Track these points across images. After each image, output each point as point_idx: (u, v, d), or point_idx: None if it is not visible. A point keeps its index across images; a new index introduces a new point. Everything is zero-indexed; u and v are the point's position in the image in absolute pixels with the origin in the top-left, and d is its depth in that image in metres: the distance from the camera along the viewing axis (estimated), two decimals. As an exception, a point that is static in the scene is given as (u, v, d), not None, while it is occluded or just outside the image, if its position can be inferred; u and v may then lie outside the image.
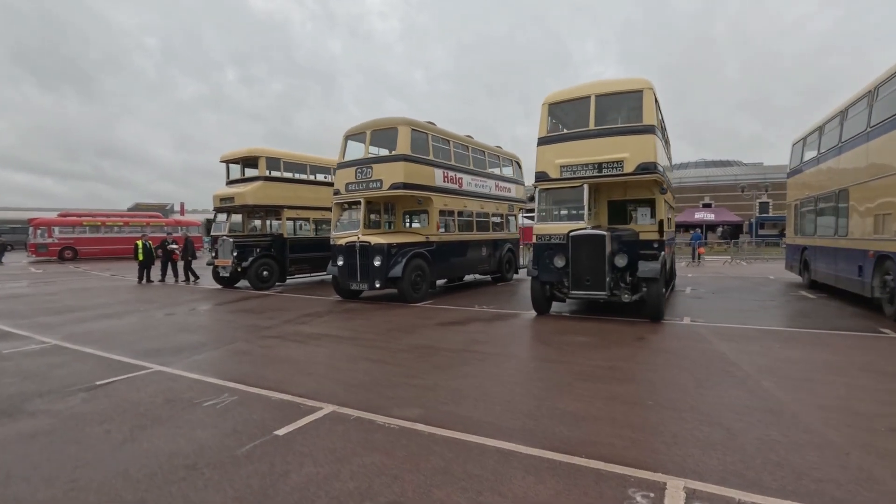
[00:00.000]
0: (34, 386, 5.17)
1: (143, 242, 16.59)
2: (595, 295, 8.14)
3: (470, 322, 8.54)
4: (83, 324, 8.81)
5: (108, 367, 5.87)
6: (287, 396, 4.70)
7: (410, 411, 4.23)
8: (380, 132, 11.28)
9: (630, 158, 8.14)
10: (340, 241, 11.08)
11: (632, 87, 8.37)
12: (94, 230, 32.61)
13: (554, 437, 3.63)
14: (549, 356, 6.10)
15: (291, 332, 7.91)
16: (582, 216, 8.48)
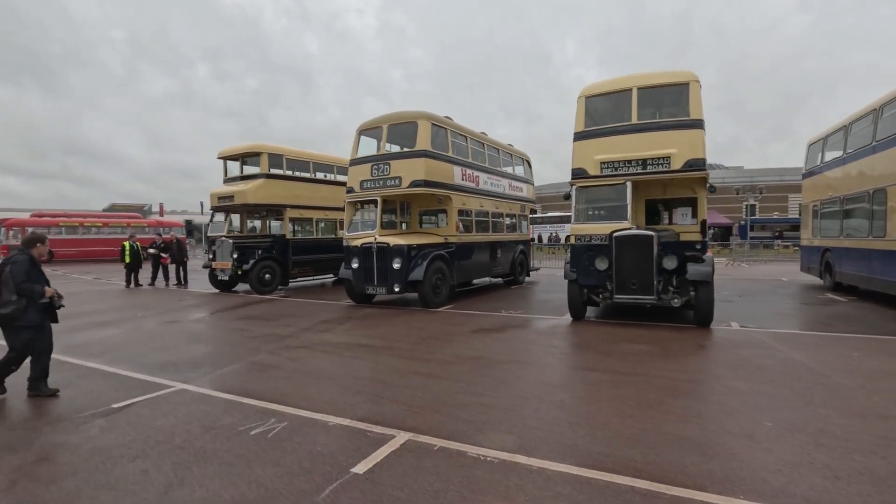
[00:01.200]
0: (39, 410, 4.40)
1: (131, 244, 15.59)
2: (642, 300, 7.64)
3: (506, 329, 7.96)
4: (78, 333, 7.95)
5: (122, 386, 5.11)
6: (346, 421, 4.04)
7: (502, 439, 3.63)
8: (397, 126, 10.63)
9: (678, 154, 7.69)
10: (355, 243, 10.39)
11: (677, 80, 7.92)
12: (71, 231, 31.11)
13: (699, 474, 3.07)
14: (616, 367, 5.55)
15: (316, 341, 7.22)
16: (624, 215, 7.99)
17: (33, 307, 4.59)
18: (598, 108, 8.59)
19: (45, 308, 4.73)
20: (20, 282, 4.47)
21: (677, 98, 8.04)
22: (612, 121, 8.45)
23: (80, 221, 32.00)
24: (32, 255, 4.72)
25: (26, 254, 4.69)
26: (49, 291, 4.65)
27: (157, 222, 36.37)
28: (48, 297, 4.65)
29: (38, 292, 4.57)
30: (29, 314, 4.57)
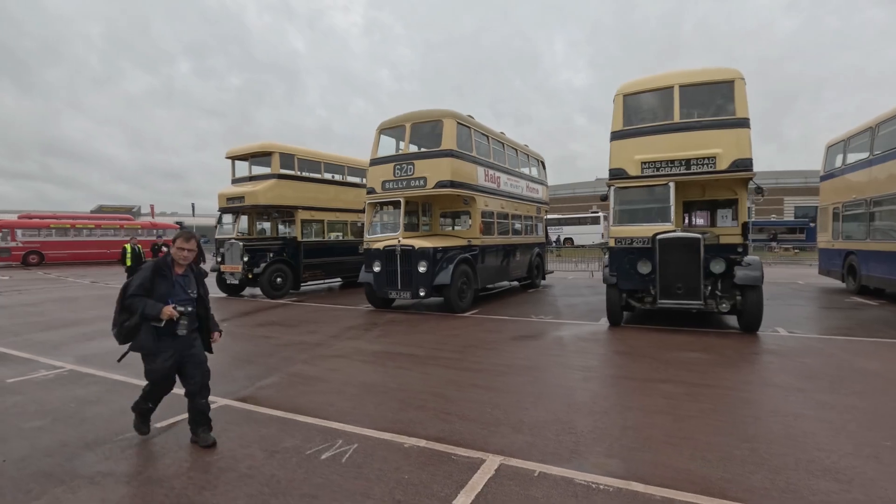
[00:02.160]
0: (73, 431, 3.97)
1: (133, 246, 14.99)
2: (688, 305, 7.36)
3: (545, 335, 7.63)
4: (90, 342, 7.47)
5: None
6: (422, 442, 3.67)
7: (604, 463, 3.29)
8: (421, 125, 10.28)
9: (723, 154, 7.42)
10: (377, 245, 10.00)
11: (722, 77, 7.67)
12: (61, 233, 30.18)
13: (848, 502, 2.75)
14: (684, 378, 5.24)
15: (351, 349, 6.82)
16: (667, 217, 7.71)
17: (147, 329, 3.44)
18: (636, 107, 8.32)
19: (165, 332, 3.47)
20: (129, 294, 3.41)
21: (721, 96, 7.79)
22: (652, 119, 8.18)
23: (71, 223, 31.12)
24: (164, 260, 3.57)
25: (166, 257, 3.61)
26: (167, 312, 3.35)
27: (152, 224, 35.55)
28: (165, 318, 3.36)
29: (147, 313, 3.35)
30: (141, 337, 3.47)
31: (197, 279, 3.67)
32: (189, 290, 3.56)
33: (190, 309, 3.51)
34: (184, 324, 3.48)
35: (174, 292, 3.49)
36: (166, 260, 3.55)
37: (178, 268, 3.58)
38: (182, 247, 3.53)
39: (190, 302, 3.54)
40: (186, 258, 3.55)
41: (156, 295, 3.42)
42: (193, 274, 3.66)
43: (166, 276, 3.48)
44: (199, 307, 3.64)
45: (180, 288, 3.53)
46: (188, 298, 3.54)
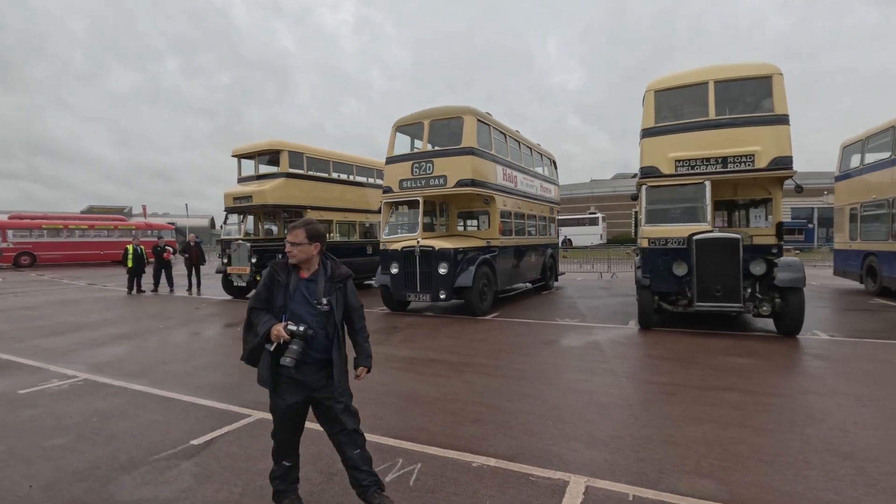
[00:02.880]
0: (102, 451, 3.61)
1: (134, 247, 14.56)
2: (727, 307, 7.11)
3: (575, 339, 7.34)
4: (100, 348, 7.07)
5: (186, 414, 4.34)
6: (491, 461, 3.36)
7: (699, 484, 3.00)
8: (440, 122, 9.96)
9: (762, 152, 7.19)
10: (394, 246, 9.66)
11: (759, 73, 7.43)
12: (53, 234, 29.45)
13: None
14: (741, 385, 4.97)
15: (380, 355, 6.45)
16: (703, 217, 7.46)
17: (265, 354, 2.53)
18: (668, 103, 8.06)
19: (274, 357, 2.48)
20: (249, 306, 2.60)
21: (758, 91, 7.56)
22: (685, 116, 7.93)
23: (64, 224, 30.42)
24: (281, 260, 2.65)
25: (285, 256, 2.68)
26: (273, 333, 2.41)
27: (146, 225, 34.88)
28: (273, 341, 2.43)
29: (259, 332, 2.49)
30: (260, 366, 2.58)
31: (333, 284, 2.57)
32: (315, 301, 2.52)
33: (301, 328, 2.39)
34: (294, 349, 2.38)
35: (292, 303, 2.52)
36: (285, 261, 2.63)
37: (302, 270, 2.59)
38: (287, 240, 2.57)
39: (313, 317, 2.49)
40: (295, 256, 2.55)
41: (274, 307, 2.54)
42: (328, 277, 2.59)
43: (280, 280, 2.56)
44: (328, 324, 2.52)
45: (301, 297, 2.53)
46: (312, 312, 2.50)
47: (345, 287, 2.63)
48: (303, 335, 2.40)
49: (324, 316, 2.53)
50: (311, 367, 2.55)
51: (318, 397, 2.61)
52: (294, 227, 2.57)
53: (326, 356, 2.57)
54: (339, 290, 2.59)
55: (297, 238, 2.53)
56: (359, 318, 2.70)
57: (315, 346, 2.51)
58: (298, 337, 2.40)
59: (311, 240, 2.55)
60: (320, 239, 2.60)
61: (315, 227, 2.60)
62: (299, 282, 2.58)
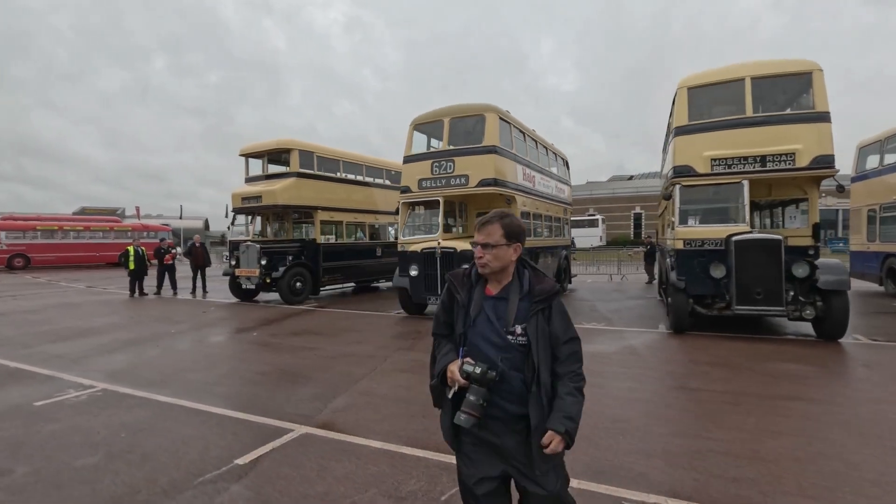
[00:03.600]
0: (138, 472, 3.28)
1: (136, 249, 14.13)
2: (769, 311, 6.87)
3: (610, 344, 7.07)
4: (114, 355, 6.71)
5: (222, 429, 4.01)
6: (582, 483, 3.06)
7: (814, 509, 2.72)
8: (461, 120, 9.68)
9: (803, 150, 6.97)
10: (414, 248, 9.36)
11: (799, 69, 7.21)
12: (47, 235, 28.83)
13: None
14: (810, 395, 4.72)
15: (412, 362, 6.18)
16: (741, 218, 7.23)
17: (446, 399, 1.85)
18: (702, 100, 7.83)
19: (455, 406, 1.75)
20: (433, 331, 2.03)
21: (797, 88, 7.36)
22: (720, 113, 7.71)
23: (58, 225, 29.81)
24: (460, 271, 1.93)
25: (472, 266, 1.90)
26: (449, 374, 1.76)
27: (143, 226, 34.30)
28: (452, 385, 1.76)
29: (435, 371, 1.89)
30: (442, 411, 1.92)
31: (532, 304, 1.74)
32: (505, 329, 1.73)
33: (479, 369, 1.65)
34: (472, 400, 1.66)
35: (473, 332, 1.78)
36: (466, 271, 1.89)
37: (490, 284, 1.82)
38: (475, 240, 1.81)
39: (500, 352, 1.72)
40: (488, 264, 1.76)
41: (456, 334, 1.85)
42: (524, 294, 1.76)
43: (459, 299, 1.84)
44: (524, 364, 1.71)
45: (486, 323, 1.77)
46: (499, 344, 1.73)
47: (549, 309, 1.73)
48: (481, 379, 1.65)
49: (517, 351, 1.72)
50: (502, 423, 1.74)
51: (513, 470, 1.77)
52: (485, 222, 1.79)
53: (523, 410, 1.71)
54: (540, 314, 1.71)
55: (492, 237, 1.75)
56: (569, 356, 1.72)
57: (505, 394, 1.72)
58: (476, 382, 1.65)
59: (510, 239, 1.75)
60: (521, 238, 1.80)
61: (514, 221, 1.80)
62: (484, 301, 1.79)
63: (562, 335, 1.75)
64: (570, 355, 1.75)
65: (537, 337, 1.71)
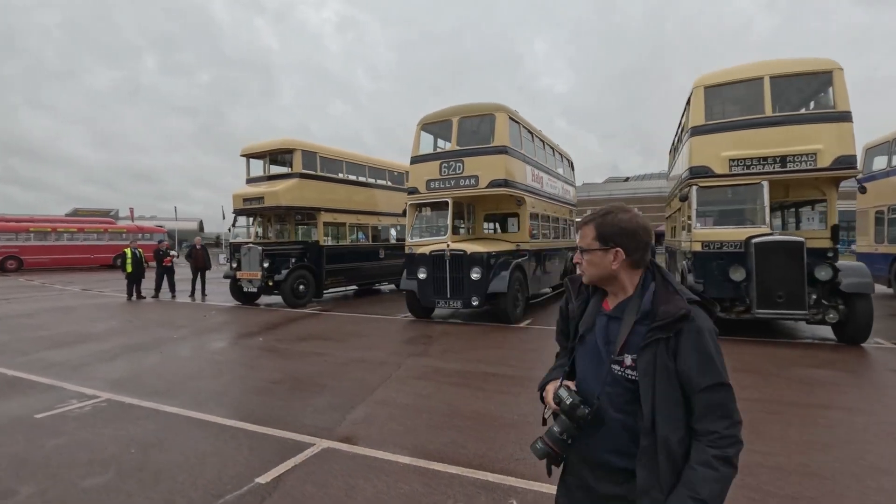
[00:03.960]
0: (153, 493, 3.05)
1: (133, 251, 13.82)
2: (791, 315, 6.72)
3: (631, 349, 6.89)
4: (114, 362, 6.46)
5: (237, 443, 3.78)
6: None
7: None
8: (470, 120, 9.49)
9: (825, 150, 6.82)
10: (422, 250, 9.15)
11: (819, 68, 7.08)
12: (41, 237, 28.36)
13: None
14: (849, 404, 4.55)
15: (427, 368, 5.97)
16: (761, 219, 7.08)
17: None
18: (718, 100, 7.69)
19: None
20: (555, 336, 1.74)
21: (817, 88, 7.24)
22: (738, 113, 7.57)
23: (52, 227, 29.34)
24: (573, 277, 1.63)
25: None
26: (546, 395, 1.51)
27: (138, 228, 33.86)
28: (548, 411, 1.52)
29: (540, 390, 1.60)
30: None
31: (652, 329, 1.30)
32: (612, 358, 1.37)
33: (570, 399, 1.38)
34: (554, 432, 1.41)
35: (580, 351, 1.50)
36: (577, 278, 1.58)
37: (609, 296, 1.47)
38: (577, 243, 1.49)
39: (600, 383, 1.39)
40: (585, 271, 1.47)
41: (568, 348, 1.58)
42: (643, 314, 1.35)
43: (571, 308, 1.58)
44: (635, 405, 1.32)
45: (593, 343, 1.45)
46: (600, 373, 1.40)
47: (676, 340, 1.27)
48: (568, 412, 1.37)
49: (624, 387, 1.35)
50: (602, 471, 1.42)
51: None
52: (583, 222, 1.47)
53: (627, 463, 1.34)
54: (661, 345, 1.27)
55: (584, 239, 1.44)
56: (709, 409, 1.25)
57: (603, 439, 1.39)
58: (563, 413, 1.39)
59: (606, 242, 1.39)
60: (624, 241, 1.37)
61: (615, 219, 1.39)
62: (598, 316, 1.47)
63: (697, 378, 1.24)
64: (712, 408, 1.24)
65: (653, 375, 1.27)
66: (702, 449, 1.23)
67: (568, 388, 1.43)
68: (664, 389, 1.27)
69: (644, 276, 1.41)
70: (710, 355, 1.27)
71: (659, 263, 1.43)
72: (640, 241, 1.38)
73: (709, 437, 1.23)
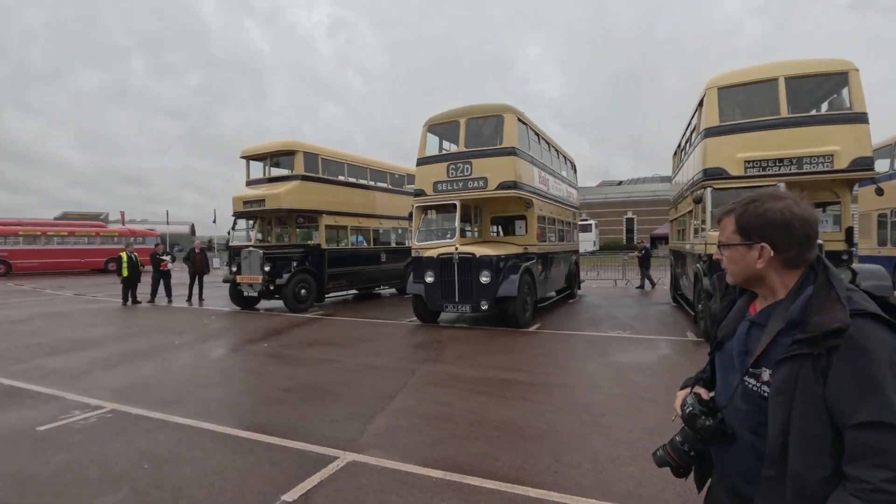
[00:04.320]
0: (173, 513, 2.84)
1: (129, 255, 13.50)
2: (810, 318, 6.61)
3: (651, 354, 6.77)
4: (115, 370, 6.22)
5: (257, 457, 3.58)
6: (674, 518, 2.71)
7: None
8: (478, 121, 9.35)
9: (842, 152, 6.76)
10: (430, 253, 8.98)
11: (834, 69, 7.02)
12: (30, 241, 27.84)
13: None
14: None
15: (443, 375, 5.80)
16: (777, 222, 6.98)
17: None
18: (732, 101, 7.61)
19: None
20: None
21: (830, 89, 7.18)
22: (752, 114, 7.48)
23: (42, 231, 28.80)
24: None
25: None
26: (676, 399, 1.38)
27: (130, 231, 33.37)
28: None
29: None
30: None
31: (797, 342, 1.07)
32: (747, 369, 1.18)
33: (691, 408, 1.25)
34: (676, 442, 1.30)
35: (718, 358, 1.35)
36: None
37: (758, 299, 1.28)
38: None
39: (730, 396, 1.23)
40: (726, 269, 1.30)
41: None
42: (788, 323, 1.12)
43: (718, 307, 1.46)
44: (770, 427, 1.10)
45: (731, 350, 1.28)
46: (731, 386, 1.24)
47: (829, 359, 1.04)
48: (689, 421, 1.25)
49: (757, 404, 1.15)
50: (732, 495, 1.27)
51: None
52: (723, 212, 1.29)
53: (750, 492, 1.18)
54: (807, 361, 1.05)
55: (724, 233, 1.27)
56: (861, 451, 1.00)
57: (734, 461, 1.23)
58: (685, 421, 1.27)
59: (748, 236, 1.19)
60: (774, 235, 1.16)
61: (758, 209, 1.18)
62: (741, 319, 1.29)
63: (850, 410, 1.00)
64: (867, 452, 0.98)
65: (790, 395, 1.06)
66: (845, 497, 0.99)
67: (698, 395, 1.29)
68: (804, 416, 1.05)
69: (804, 277, 1.17)
70: (874, 383, 0.99)
71: (828, 263, 1.18)
72: (794, 236, 1.15)
73: (857, 485, 0.98)
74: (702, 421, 1.21)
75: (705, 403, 1.25)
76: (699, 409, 1.23)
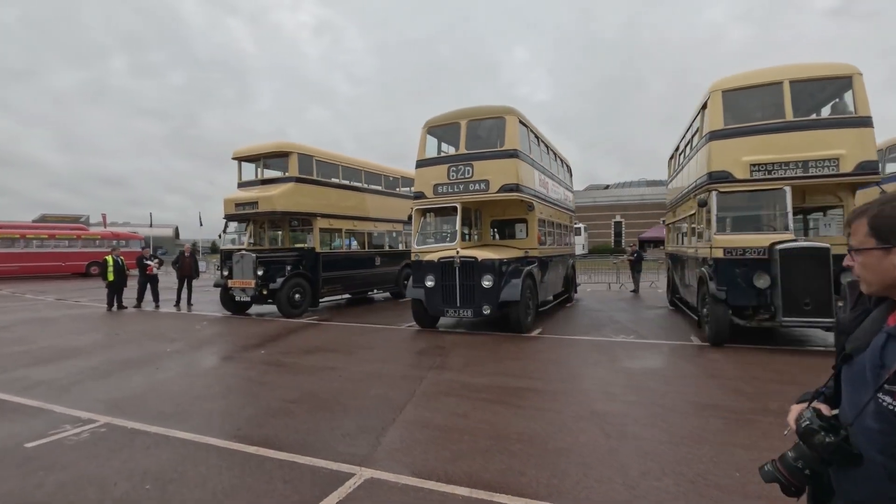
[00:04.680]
0: (183, 540, 2.62)
1: (115, 259, 13.08)
2: (818, 322, 6.59)
3: (659, 359, 6.68)
4: (106, 380, 5.92)
5: (268, 475, 3.37)
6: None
7: None
8: (479, 122, 9.21)
9: (847, 156, 6.76)
10: (430, 257, 8.80)
11: (839, 73, 7.03)
12: (8, 244, 26.97)
13: None
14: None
15: (452, 383, 5.61)
16: (784, 225, 6.97)
17: None
18: (738, 104, 7.58)
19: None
20: None
21: (836, 92, 7.18)
22: (757, 117, 7.46)
23: (21, 233, 27.93)
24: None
25: None
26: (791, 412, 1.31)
27: (113, 234, 32.51)
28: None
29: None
30: None
31: None
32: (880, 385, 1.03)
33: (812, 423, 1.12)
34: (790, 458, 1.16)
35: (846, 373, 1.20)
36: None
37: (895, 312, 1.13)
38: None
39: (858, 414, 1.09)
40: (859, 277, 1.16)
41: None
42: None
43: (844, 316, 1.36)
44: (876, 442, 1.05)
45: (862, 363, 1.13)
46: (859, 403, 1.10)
47: None
48: (805, 436, 1.14)
49: (892, 424, 1.02)
50: None
51: None
52: (855, 215, 1.17)
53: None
54: None
55: (856, 236, 1.15)
56: None
57: (861, 485, 1.11)
58: (800, 437, 1.16)
59: (886, 239, 1.08)
60: None
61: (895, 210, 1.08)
62: (877, 331, 1.14)
63: None
64: None
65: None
66: None
67: (817, 410, 1.17)
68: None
69: None
70: None
71: None
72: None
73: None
74: (820, 437, 1.11)
75: (826, 420, 1.14)
76: (818, 425, 1.12)
